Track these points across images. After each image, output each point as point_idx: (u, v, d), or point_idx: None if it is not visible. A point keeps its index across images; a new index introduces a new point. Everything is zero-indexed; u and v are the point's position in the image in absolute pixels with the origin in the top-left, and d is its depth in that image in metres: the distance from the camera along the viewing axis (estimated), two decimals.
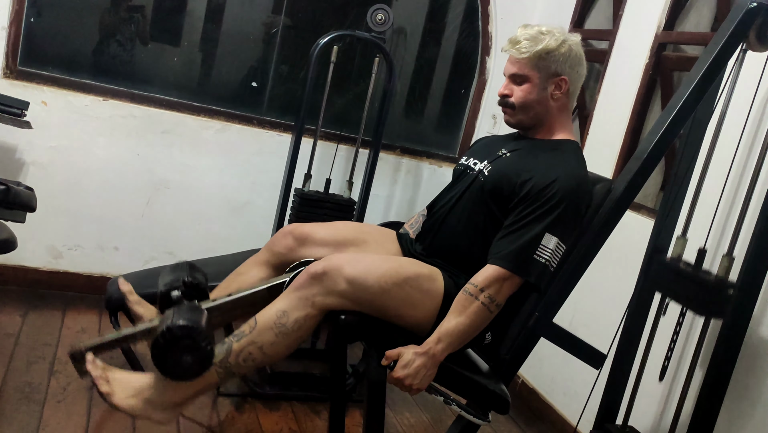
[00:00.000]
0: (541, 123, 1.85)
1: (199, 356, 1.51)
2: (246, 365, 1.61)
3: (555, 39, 1.78)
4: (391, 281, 1.64)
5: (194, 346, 1.50)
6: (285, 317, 1.60)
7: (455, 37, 3.57)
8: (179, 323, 1.50)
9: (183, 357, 1.50)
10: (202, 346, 1.50)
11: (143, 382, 1.59)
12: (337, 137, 3.21)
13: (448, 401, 1.69)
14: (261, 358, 1.61)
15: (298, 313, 1.61)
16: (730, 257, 1.95)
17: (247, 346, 1.59)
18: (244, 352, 1.59)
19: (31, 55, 2.91)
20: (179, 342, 1.49)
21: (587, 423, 2.30)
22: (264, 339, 1.60)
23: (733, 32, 1.85)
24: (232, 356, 1.59)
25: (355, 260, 1.66)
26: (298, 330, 1.61)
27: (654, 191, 2.72)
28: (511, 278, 1.66)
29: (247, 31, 3.23)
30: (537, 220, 1.67)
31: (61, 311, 2.95)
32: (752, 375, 2.02)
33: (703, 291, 1.93)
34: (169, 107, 3.10)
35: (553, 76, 1.81)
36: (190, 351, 1.50)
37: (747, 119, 2.07)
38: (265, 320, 1.61)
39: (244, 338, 1.60)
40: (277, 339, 1.60)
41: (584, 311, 2.71)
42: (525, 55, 1.78)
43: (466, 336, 1.66)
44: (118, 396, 1.57)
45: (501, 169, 1.79)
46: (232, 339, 1.61)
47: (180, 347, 1.49)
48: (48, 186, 2.95)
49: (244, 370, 1.62)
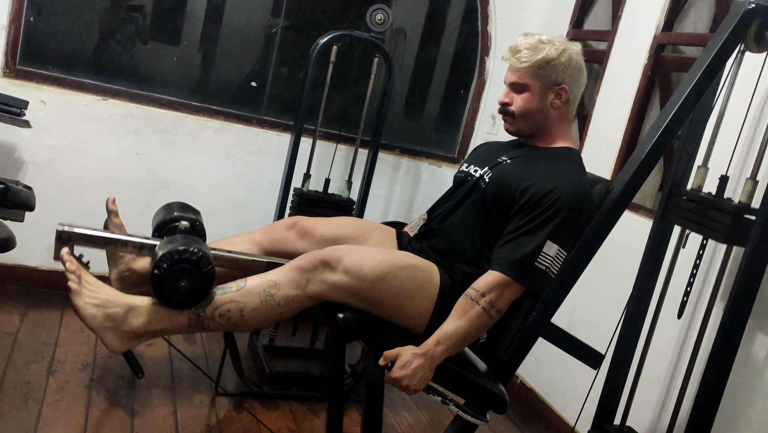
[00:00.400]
0: (540, 131, 1.86)
1: (200, 284, 1.50)
2: (220, 321, 1.58)
3: (555, 48, 1.78)
4: (387, 269, 1.64)
5: (198, 273, 1.49)
6: (275, 288, 1.60)
7: (455, 37, 3.57)
8: (190, 248, 1.50)
9: (183, 282, 1.50)
10: (205, 273, 1.50)
11: (112, 296, 1.56)
12: (336, 137, 3.21)
13: (446, 401, 1.69)
14: (236, 319, 1.58)
15: (289, 289, 1.61)
16: (753, 180, 1.93)
17: (229, 303, 1.58)
18: (223, 307, 1.57)
19: (30, 55, 2.91)
20: (184, 265, 1.48)
21: (585, 423, 2.31)
22: (247, 301, 1.58)
23: (731, 33, 1.85)
24: (210, 307, 1.57)
25: (353, 250, 1.67)
26: (283, 306, 1.61)
27: (653, 192, 2.73)
28: (512, 285, 1.67)
29: (247, 30, 3.23)
30: (538, 227, 1.67)
31: (60, 311, 2.95)
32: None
33: (724, 218, 1.90)
34: (168, 107, 3.10)
35: (554, 85, 1.81)
36: (193, 277, 1.50)
37: (744, 120, 2.07)
38: (255, 284, 1.60)
39: (228, 293, 1.59)
40: (259, 307, 1.59)
41: (583, 311, 2.71)
42: (525, 65, 1.79)
43: (465, 340, 1.66)
44: (83, 299, 1.53)
45: (502, 176, 1.80)
46: (215, 290, 1.58)
47: (184, 271, 1.48)
48: (47, 185, 2.95)
49: (215, 326, 1.59)
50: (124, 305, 1.55)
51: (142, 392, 2.47)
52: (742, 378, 2.05)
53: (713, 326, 1.99)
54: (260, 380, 2.69)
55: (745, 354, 2.04)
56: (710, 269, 2.21)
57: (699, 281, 2.21)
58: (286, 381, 2.70)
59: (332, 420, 1.92)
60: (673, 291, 2.17)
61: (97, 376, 2.50)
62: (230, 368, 2.55)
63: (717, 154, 2.08)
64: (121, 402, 2.38)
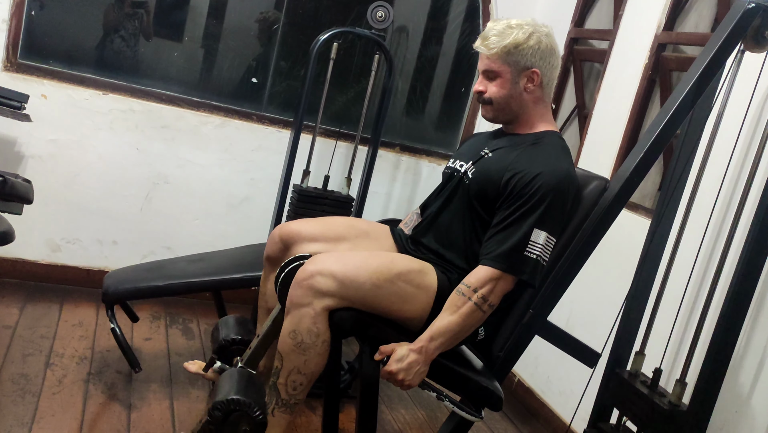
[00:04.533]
0: (518, 117, 1.85)
1: (254, 426, 1.64)
2: (298, 391, 1.68)
3: (523, 32, 1.77)
4: (383, 277, 1.65)
5: (247, 417, 1.64)
6: (298, 336, 1.65)
7: (456, 35, 3.58)
8: (231, 397, 1.64)
9: (245, 426, 1.64)
10: (254, 416, 1.63)
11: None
12: (336, 134, 3.21)
13: (441, 397, 1.69)
14: (305, 378, 1.68)
15: (306, 325, 1.64)
16: (682, 382, 1.99)
17: (288, 376, 1.67)
18: (289, 382, 1.67)
19: (31, 49, 2.91)
20: (232, 416, 1.63)
21: (582, 422, 2.30)
22: (296, 363, 1.66)
23: (731, 32, 1.85)
24: (282, 392, 1.67)
25: (344, 259, 1.68)
26: (317, 337, 1.65)
27: (652, 191, 2.72)
28: (503, 278, 1.66)
29: (249, 27, 3.23)
30: (524, 216, 1.67)
31: (58, 305, 2.96)
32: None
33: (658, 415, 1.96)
34: (169, 102, 3.10)
35: (525, 70, 1.79)
36: (245, 422, 1.64)
37: (744, 119, 2.07)
38: (285, 347, 1.67)
39: (280, 372, 1.68)
40: (305, 356, 1.65)
41: (581, 310, 2.71)
42: (494, 51, 1.78)
43: (458, 335, 1.66)
44: None
45: (484, 171, 1.79)
46: (272, 379, 1.70)
47: (233, 421, 1.63)
48: (47, 179, 2.96)
49: (300, 395, 1.69)
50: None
51: (140, 386, 2.48)
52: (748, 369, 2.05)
53: (711, 323, 1.99)
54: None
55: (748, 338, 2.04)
56: (712, 254, 2.20)
57: (698, 273, 2.20)
58: None
59: (327, 416, 1.93)
60: (673, 283, 2.17)
61: (94, 370, 2.51)
62: None
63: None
64: (118, 396, 2.39)
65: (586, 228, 1.77)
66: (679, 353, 2.29)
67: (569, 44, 3.18)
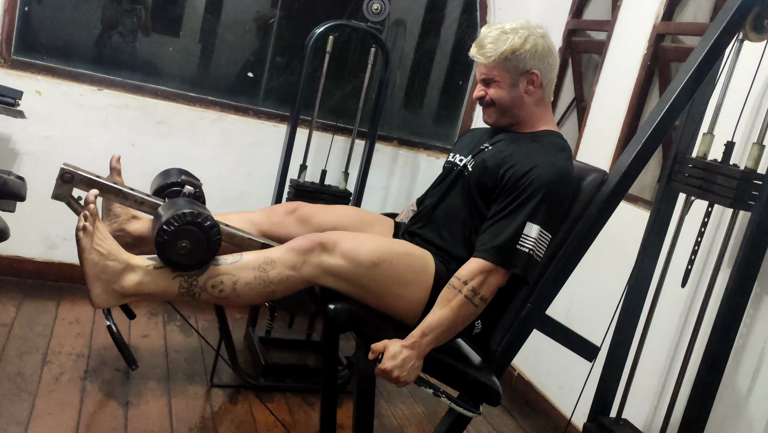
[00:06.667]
0: (519, 119, 1.84)
1: (203, 250, 1.52)
2: (211, 292, 1.57)
3: (519, 36, 1.75)
4: (383, 256, 1.64)
5: (204, 238, 1.51)
6: (271, 265, 1.59)
7: (454, 28, 3.56)
8: (196, 210, 1.52)
9: (185, 243, 1.50)
10: (212, 241, 1.51)
11: (115, 250, 1.55)
12: (333, 128, 3.19)
13: (438, 393, 1.67)
14: (228, 292, 1.58)
15: (284, 269, 1.59)
16: (760, 145, 1.93)
17: (223, 274, 1.57)
18: (217, 278, 1.57)
19: (25, 45, 2.89)
20: (193, 229, 1.50)
21: (582, 416, 2.29)
22: (241, 275, 1.58)
23: (730, 21, 1.83)
24: (203, 277, 1.56)
25: (350, 236, 1.67)
26: (275, 284, 1.59)
27: (651, 183, 2.70)
28: (495, 271, 1.64)
29: (245, 21, 3.21)
30: (517, 209, 1.65)
31: (55, 302, 2.94)
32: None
33: (731, 183, 1.92)
34: (164, 97, 3.08)
35: (524, 73, 1.78)
36: (198, 242, 1.51)
37: (743, 109, 2.05)
38: (251, 258, 1.60)
39: (223, 265, 1.58)
40: (253, 282, 1.58)
41: (580, 303, 2.69)
42: (491, 59, 1.76)
43: (450, 330, 1.65)
44: (91, 243, 1.53)
45: (484, 163, 1.78)
46: (213, 263, 1.58)
47: (190, 234, 1.50)
48: (42, 176, 2.91)
49: (206, 297, 1.58)
50: (123, 262, 1.55)
51: (137, 383, 2.46)
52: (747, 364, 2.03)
53: (711, 318, 1.97)
54: (256, 372, 2.68)
55: (751, 324, 2.03)
56: (715, 236, 2.19)
57: (702, 254, 2.18)
58: (281, 373, 2.68)
59: (325, 411, 1.91)
60: (673, 273, 2.15)
61: (91, 367, 2.50)
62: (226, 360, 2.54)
63: (723, 120, 2.05)
64: (115, 393, 2.38)
65: (585, 221, 1.75)
66: (679, 346, 2.28)
67: (567, 35, 3.15)
